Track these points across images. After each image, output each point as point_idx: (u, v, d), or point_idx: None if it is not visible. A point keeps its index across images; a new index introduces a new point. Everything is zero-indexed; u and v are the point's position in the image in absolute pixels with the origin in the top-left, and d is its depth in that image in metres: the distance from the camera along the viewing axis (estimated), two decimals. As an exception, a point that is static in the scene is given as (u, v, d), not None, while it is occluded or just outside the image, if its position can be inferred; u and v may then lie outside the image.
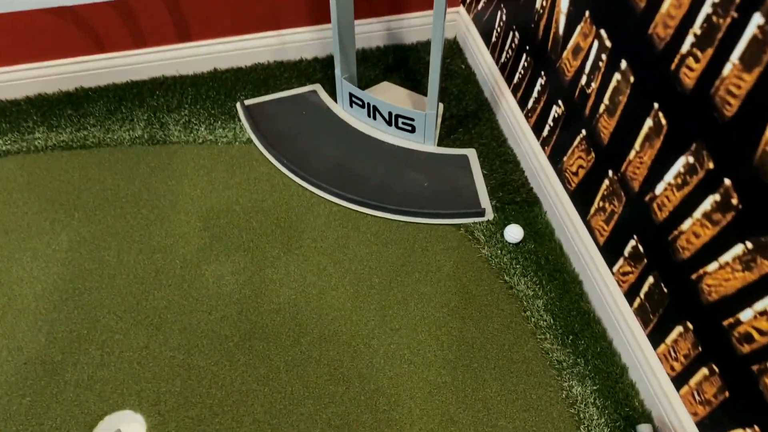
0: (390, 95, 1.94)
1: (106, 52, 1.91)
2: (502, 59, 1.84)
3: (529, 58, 1.66)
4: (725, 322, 1.07)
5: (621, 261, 1.37)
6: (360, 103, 1.83)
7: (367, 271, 1.56)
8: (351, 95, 1.83)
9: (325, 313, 1.48)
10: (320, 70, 2.04)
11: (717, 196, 1.03)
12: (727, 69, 0.95)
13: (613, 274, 1.42)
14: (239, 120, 1.87)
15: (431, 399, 1.36)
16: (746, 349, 1.03)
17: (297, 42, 2.03)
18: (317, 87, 1.97)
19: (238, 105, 1.90)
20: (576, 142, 1.47)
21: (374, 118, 1.83)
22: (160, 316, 1.47)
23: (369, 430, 1.31)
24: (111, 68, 1.94)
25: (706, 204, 1.06)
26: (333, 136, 1.83)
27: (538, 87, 1.62)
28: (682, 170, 1.10)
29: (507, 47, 1.79)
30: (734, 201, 0.99)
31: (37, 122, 1.84)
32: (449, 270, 1.57)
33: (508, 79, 1.82)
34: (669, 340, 1.25)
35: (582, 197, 1.50)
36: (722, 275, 1.05)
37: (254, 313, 1.48)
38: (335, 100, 1.92)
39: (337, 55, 1.74)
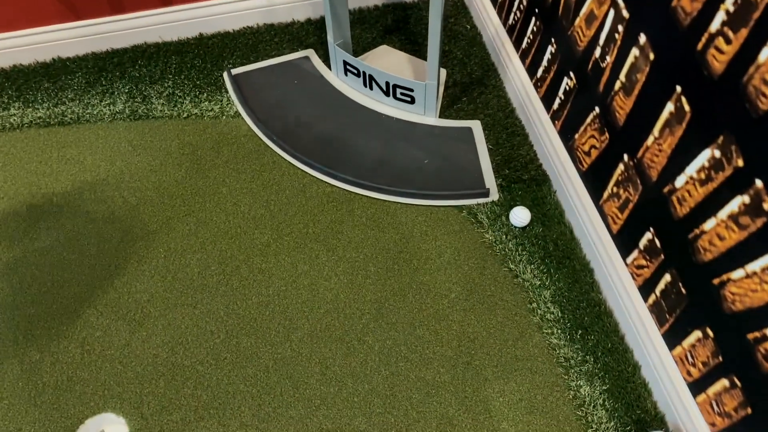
0: (389, 61, 1.79)
1: (84, 19, 1.78)
2: (510, 21, 1.68)
3: (538, 22, 1.50)
4: (750, 336, 0.96)
5: (636, 253, 1.26)
6: (355, 71, 1.69)
7: (362, 258, 1.46)
8: (345, 63, 1.69)
9: (317, 306, 1.39)
10: (313, 32, 1.89)
11: (746, 198, 0.90)
12: (764, 55, 0.82)
13: (626, 265, 1.30)
14: (226, 91, 1.74)
15: (429, 400, 1.28)
16: (773, 367, 0.92)
17: (288, 2, 1.88)
18: (310, 52, 1.83)
19: (225, 74, 1.77)
20: (588, 120, 1.33)
21: (371, 87, 1.69)
22: (143, 311, 1.39)
23: (362, 434, 1.24)
24: (90, 36, 1.81)
25: (733, 205, 0.93)
26: (326, 109, 1.70)
27: (548, 55, 1.48)
28: (706, 164, 0.98)
29: (515, 8, 1.63)
30: (766, 206, 0.87)
31: (12, 97, 1.73)
32: (450, 257, 1.46)
33: (516, 44, 1.67)
34: (686, 343, 1.14)
35: (594, 180, 1.37)
36: (749, 285, 0.94)
37: (242, 307, 1.39)
38: (329, 67, 1.78)
39: (329, 20, 1.59)
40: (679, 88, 1.01)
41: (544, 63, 1.50)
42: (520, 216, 1.46)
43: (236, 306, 1.39)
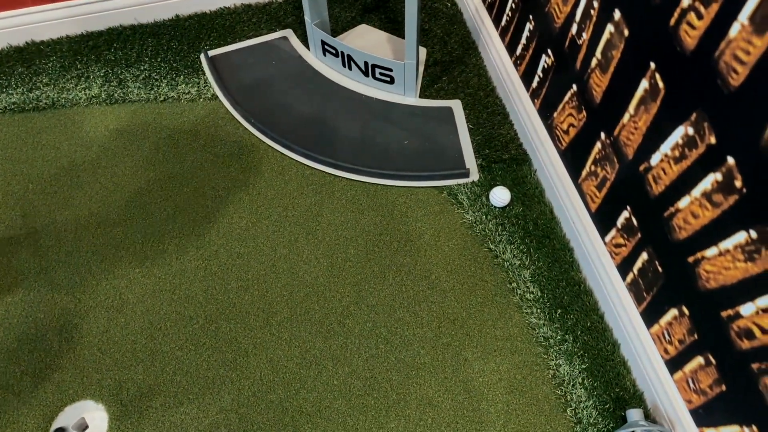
0: (368, 40, 1.77)
1: (58, 2, 1.74)
2: (490, -2, 1.66)
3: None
4: (724, 313, 0.96)
5: (614, 231, 1.25)
6: (333, 51, 1.66)
7: (342, 241, 1.45)
8: (324, 43, 1.67)
9: (296, 290, 1.39)
10: (291, 12, 1.86)
11: (718, 176, 0.90)
12: (735, 30, 0.80)
13: (605, 244, 1.30)
14: (203, 73, 1.72)
15: (408, 382, 1.28)
16: (746, 345, 0.92)
17: (266, -18, 1.85)
18: (288, 33, 1.80)
19: (202, 56, 1.74)
20: (566, 98, 1.32)
21: (349, 68, 1.67)
22: (121, 297, 1.38)
23: (342, 416, 1.24)
24: (64, 19, 1.77)
25: (706, 183, 0.93)
26: (305, 90, 1.68)
27: (526, 33, 1.46)
28: (680, 141, 0.97)
29: (494, -16, 1.61)
30: (738, 183, 0.86)
31: (-14, 82, 1.70)
32: (430, 238, 1.45)
33: (496, 21, 1.65)
34: (663, 321, 1.14)
35: (573, 158, 1.36)
36: (722, 263, 0.94)
37: (221, 292, 1.38)
38: (308, 48, 1.76)
39: (306, -1, 1.57)
40: (653, 65, 0.99)
41: (523, 41, 1.48)
42: (500, 196, 1.46)
43: (215, 291, 1.38)
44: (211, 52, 1.74)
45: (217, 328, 1.34)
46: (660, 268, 1.11)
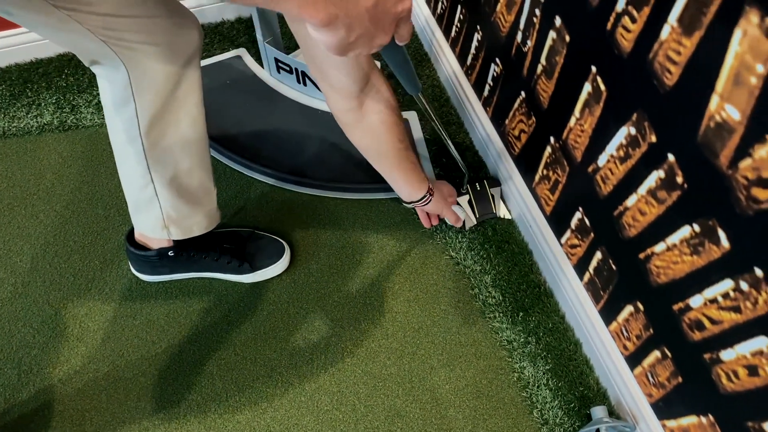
0: (322, 56, 1.78)
1: (5, 30, 1.72)
2: (439, 10, 1.69)
3: (464, 10, 1.51)
4: (675, 307, 0.98)
5: (568, 233, 1.28)
6: (287, 68, 1.67)
7: (305, 256, 1.45)
8: (277, 60, 1.67)
9: (259, 309, 1.38)
10: (244, 31, 1.87)
11: (662, 173, 0.92)
12: (666, 32, 0.83)
13: (561, 245, 1.32)
14: (157, 96, 1.71)
15: (376, 393, 1.28)
16: (697, 336, 0.95)
17: (217, 2, 1.85)
18: (242, 51, 1.80)
19: (155, 79, 1.73)
20: (516, 105, 1.35)
21: (304, 83, 1.68)
22: (81, 326, 1.36)
23: (311, 433, 1.24)
24: (13, 47, 1.75)
25: (651, 180, 0.95)
26: (261, 107, 1.68)
27: (475, 42, 1.48)
28: (624, 142, 0.99)
29: (442, -3, 1.64)
30: (679, 179, 0.89)
31: (-67, 114, 1.67)
32: (392, 249, 1.46)
33: (446, 33, 1.68)
34: (620, 318, 1.17)
35: (526, 163, 1.39)
36: (670, 257, 0.96)
37: (182, 315, 1.37)
38: (262, 66, 1.76)
39: (256, 16, 1.57)
40: (594, 68, 1.02)
41: (473, 51, 1.51)
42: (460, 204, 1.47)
43: (177, 314, 1.37)
44: (165, 75, 1.73)
45: (180, 352, 1.32)
46: (614, 266, 1.14)
